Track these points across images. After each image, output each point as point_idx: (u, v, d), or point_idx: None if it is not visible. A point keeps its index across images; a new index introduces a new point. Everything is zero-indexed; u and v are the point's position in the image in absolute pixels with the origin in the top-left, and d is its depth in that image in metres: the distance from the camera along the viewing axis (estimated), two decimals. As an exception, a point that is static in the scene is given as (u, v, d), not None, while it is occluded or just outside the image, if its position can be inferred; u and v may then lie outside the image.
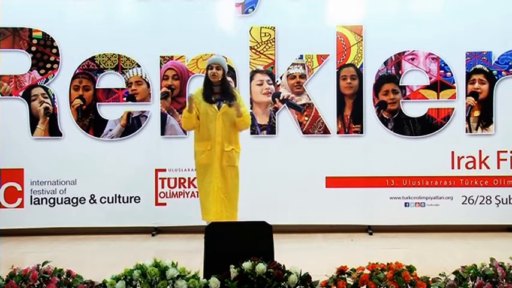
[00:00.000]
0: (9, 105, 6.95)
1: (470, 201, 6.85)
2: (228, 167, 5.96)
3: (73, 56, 6.96)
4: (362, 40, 6.92)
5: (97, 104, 6.98)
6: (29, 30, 6.98)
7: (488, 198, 6.84)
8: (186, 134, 6.93)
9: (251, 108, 6.93)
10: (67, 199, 6.95)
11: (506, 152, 6.86)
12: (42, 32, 6.98)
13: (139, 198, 6.96)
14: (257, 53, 6.95)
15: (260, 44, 6.96)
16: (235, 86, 6.94)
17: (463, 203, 6.86)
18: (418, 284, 3.65)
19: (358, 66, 6.92)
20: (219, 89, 6.01)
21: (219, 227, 4.06)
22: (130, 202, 6.95)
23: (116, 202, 6.95)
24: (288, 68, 6.94)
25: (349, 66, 6.93)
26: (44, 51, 6.98)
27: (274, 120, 6.94)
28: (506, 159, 6.86)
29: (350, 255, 5.50)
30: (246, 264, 3.75)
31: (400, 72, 6.91)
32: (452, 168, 6.88)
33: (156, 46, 6.95)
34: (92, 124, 6.99)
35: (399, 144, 6.89)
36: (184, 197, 6.95)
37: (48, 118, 6.96)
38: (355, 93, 6.94)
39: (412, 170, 6.88)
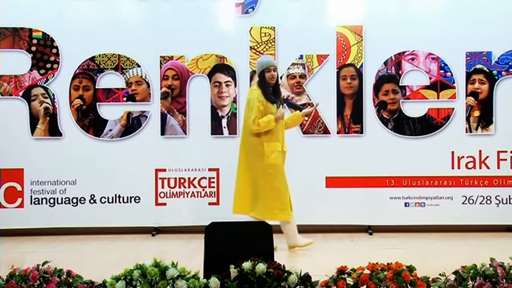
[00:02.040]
0: (9, 105, 6.95)
1: (470, 201, 6.85)
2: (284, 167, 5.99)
3: (73, 56, 6.96)
4: (362, 40, 6.92)
5: (97, 104, 6.98)
6: (29, 30, 6.98)
7: (488, 198, 6.84)
8: (186, 134, 6.94)
9: (251, 108, 6.93)
10: (67, 199, 6.95)
11: (506, 152, 6.86)
12: (42, 32, 6.98)
13: (139, 198, 6.96)
14: (257, 53, 6.95)
15: (260, 44, 6.96)
16: (235, 86, 6.95)
17: (463, 203, 6.86)
18: (418, 284, 3.65)
19: (358, 66, 6.92)
20: (274, 90, 6.00)
21: (219, 227, 4.06)
22: (130, 202, 6.96)
23: (116, 202, 6.95)
24: (288, 68, 6.94)
25: (349, 66, 6.93)
26: (44, 51, 6.98)
27: (274, 120, 6.93)
28: (506, 159, 6.86)
29: (350, 255, 5.49)
30: (246, 264, 3.75)
31: (400, 72, 6.91)
32: (452, 168, 6.88)
33: (156, 46, 6.95)
34: (92, 124, 6.99)
35: (399, 144, 6.89)
36: (184, 197, 6.95)
37: (48, 118, 6.96)
38: (355, 93, 6.94)
39: (412, 170, 6.88)
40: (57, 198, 6.95)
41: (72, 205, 6.94)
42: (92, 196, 6.95)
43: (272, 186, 5.89)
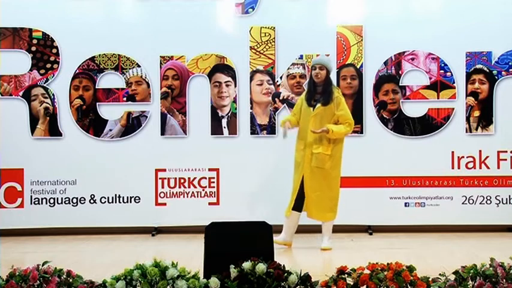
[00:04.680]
0: (9, 105, 6.95)
1: (470, 201, 6.85)
2: (316, 168, 5.92)
3: (73, 56, 6.96)
4: (362, 40, 6.92)
5: (97, 104, 6.98)
6: (29, 30, 6.98)
7: (488, 198, 6.84)
8: (185, 134, 6.94)
9: (251, 108, 6.93)
10: (67, 199, 6.95)
11: (506, 152, 6.86)
12: (42, 32, 6.98)
13: (139, 198, 6.96)
14: (257, 53, 6.95)
15: (260, 44, 6.96)
16: (235, 86, 6.95)
17: (463, 203, 6.86)
18: (418, 284, 3.66)
19: (358, 66, 6.92)
20: (321, 89, 5.97)
21: (219, 227, 4.06)
22: (130, 202, 6.95)
23: (116, 202, 6.95)
24: (288, 68, 6.94)
25: (349, 66, 6.93)
26: (44, 51, 6.98)
27: (274, 120, 6.94)
28: (506, 159, 6.86)
29: (350, 255, 5.49)
30: (246, 264, 3.75)
31: (400, 72, 6.91)
32: (452, 168, 6.88)
33: (156, 46, 6.95)
34: (92, 124, 6.99)
35: (399, 144, 6.89)
36: (184, 197, 6.95)
37: (48, 118, 6.96)
38: (355, 93, 6.94)
39: (412, 170, 6.88)
40: (57, 198, 6.95)
41: (72, 205, 6.94)
42: (92, 196, 6.95)
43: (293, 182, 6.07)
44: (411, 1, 7.00)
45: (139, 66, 6.97)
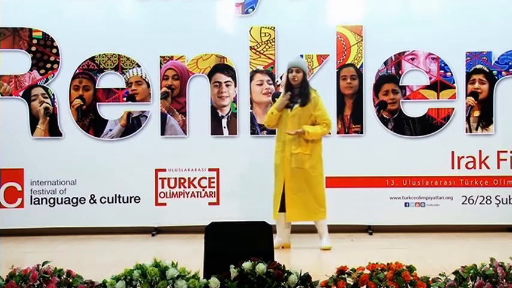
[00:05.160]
0: (9, 105, 6.95)
1: (470, 201, 6.85)
2: (296, 169, 5.92)
3: (73, 56, 6.96)
4: (362, 40, 6.92)
5: (97, 104, 6.98)
6: (29, 30, 6.98)
7: (488, 198, 6.84)
8: (185, 134, 6.94)
9: (251, 108, 6.93)
10: (67, 199, 6.95)
11: (506, 152, 6.86)
12: (42, 32, 6.98)
13: (139, 198, 6.96)
14: (257, 53, 6.95)
15: (260, 44, 6.96)
16: (235, 86, 6.95)
17: (463, 203, 6.86)
18: (418, 284, 3.65)
19: (358, 66, 6.92)
20: (298, 91, 5.97)
21: (219, 227, 4.06)
22: (130, 202, 6.96)
23: (116, 202, 6.95)
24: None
25: (349, 66, 6.93)
26: (44, 51, 6.98)
27: (274, 120, 6.93)
28: (506, 159, 6.86)
29: (350, 255, 5.49)
30: (246, 264, 3.74)
31: (400, 72, 6.91)
32: (452, 168, 6.88)
33: (156, 46, 6.95)
34: (92, 124, 6.99)
35: (399, 144, 6.89)
36: (184, 197, 6.95)
37: (48, 118, 6.96)
38: (355, 93, 6.94)
39: (412, 170, 6.88)
40: (57, 198, 6.95)
41: (72, 205, 6.94)
42: (92, 196, 6.95)
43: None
44: (411, 1, 7.01)
45: (139, 66, 6.97)
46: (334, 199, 6.84)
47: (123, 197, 6.95)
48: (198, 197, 6.95)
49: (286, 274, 3.74)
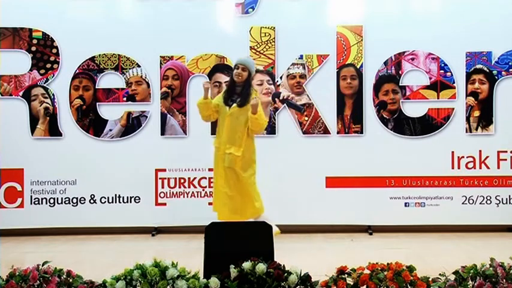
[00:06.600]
0: (9, 105, 6.95)
1: (470, 201, 6.85)
2: (227, 168, 5.97)
3: (73, 56, 6.96)
4: (362, 40, 6.92)
5: (97, 104, 6.98)
6: (29, 30, 6.98)
7: (488, 198, 6.84)
8: (185, 134, 6.94)
9: (251, 108, 6.93)
10: (67, 199, 6.95)
11: (506, 152, 6.86)
12: (42, 32, 6.98)
13: (139, 198, 6.96)
14: (257, 53, 6.95)
15: (260, 44, 6.96)
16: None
17: (463, 203, 6.86)
18: (418, 284, 3.65)
19: (358, 66, 6.92)
20: (239, 90, 5.99)
21: (219, 227, 4.06)
22: (130, 202, 6.96)
23: (116, 202, 6.95)
24: (288, 68, 6.94)
25: (349, 66, 6.93)
26: (44, 51, 6.98)
27: (274, 120, 6.94)
28: (506, 159, 6.86)
29: (350, 255, 5.49)
30: (246, 264, 3.75)
31: (400, 72, 6.91)
32: (452, 168, 6.88)
33: (156, 46, 6.95)
34: (92, 124, 6.99)
35: (399, 144, 6.89)
36: (184, 197, 6.95)
37: (48, 118, 6.96)
38: (355, 93, 6.94)
39: (412, 170, 6.88)
40: (57, 198, 6.95)
41: (72, 205, 6.94)
42: (92, 196, 6.95)
43: None
44: (411, 1, 7.01)
45: (139, 66, 6.97)
46: (334, 199, 6.87)
47: (123, 197, 6.95)
48: (198, 197, 6.95)
49: (286, 274, 3.75)
